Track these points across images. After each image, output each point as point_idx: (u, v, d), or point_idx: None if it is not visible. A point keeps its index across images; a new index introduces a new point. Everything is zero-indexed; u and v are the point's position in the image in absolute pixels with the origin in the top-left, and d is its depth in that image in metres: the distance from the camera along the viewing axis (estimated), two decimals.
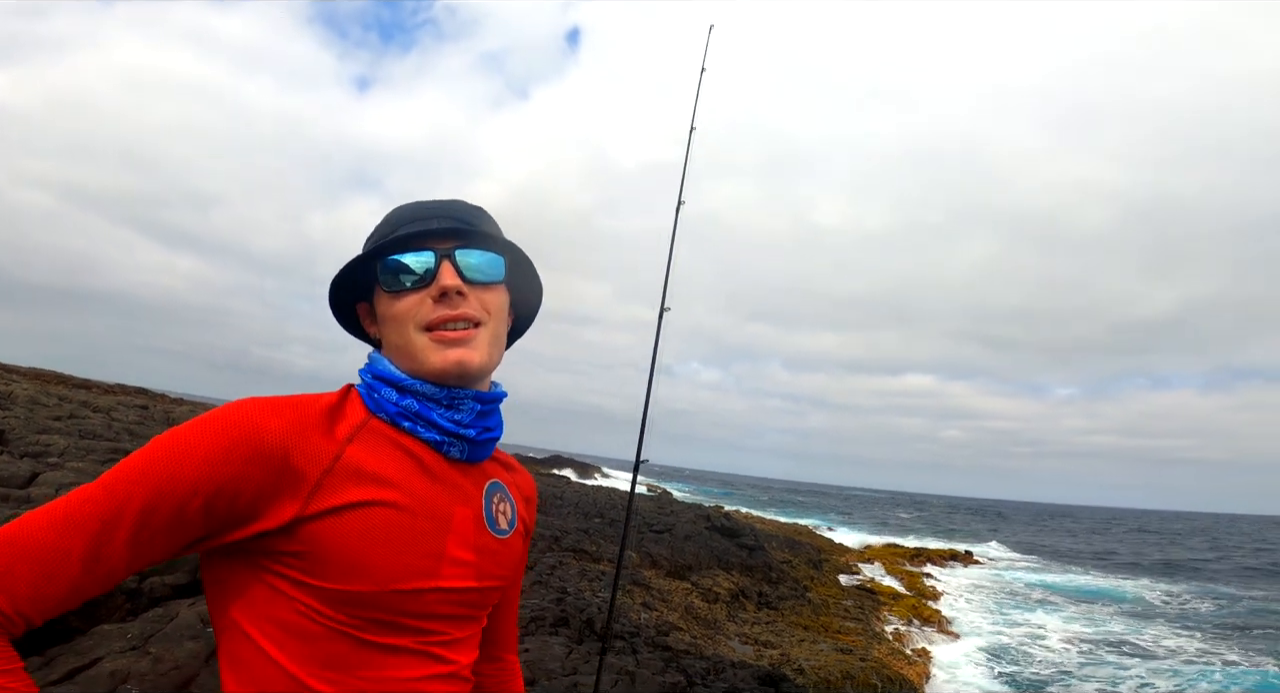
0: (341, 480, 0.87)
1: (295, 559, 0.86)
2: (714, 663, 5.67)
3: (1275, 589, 22.02)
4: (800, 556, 15.57)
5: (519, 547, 1.07)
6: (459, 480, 0.98)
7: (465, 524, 0.96)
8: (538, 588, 7.09)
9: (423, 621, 0.92)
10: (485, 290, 0.99)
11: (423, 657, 0.92)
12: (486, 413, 1.00)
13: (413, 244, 0.97)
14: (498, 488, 1.04)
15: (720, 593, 9.94)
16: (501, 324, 1.01)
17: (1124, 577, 23.96)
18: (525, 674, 4.57)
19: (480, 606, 0.99)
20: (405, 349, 0.96)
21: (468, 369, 0.95)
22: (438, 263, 0.96)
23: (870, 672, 7.69)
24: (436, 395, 0.96)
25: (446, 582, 0.93)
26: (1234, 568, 28.61)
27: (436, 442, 0.96)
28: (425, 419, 0.95)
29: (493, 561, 0.99)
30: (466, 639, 0.98)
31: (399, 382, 0.95)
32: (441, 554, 0.92)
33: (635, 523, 13.55)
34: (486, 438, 1.00)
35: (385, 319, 0.98)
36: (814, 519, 36.90)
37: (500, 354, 1.01)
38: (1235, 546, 44.78)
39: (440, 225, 0.98)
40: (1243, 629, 15.17)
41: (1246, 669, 11.63)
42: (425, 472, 0.94)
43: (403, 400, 0.95)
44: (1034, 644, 13.04)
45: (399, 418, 0.94)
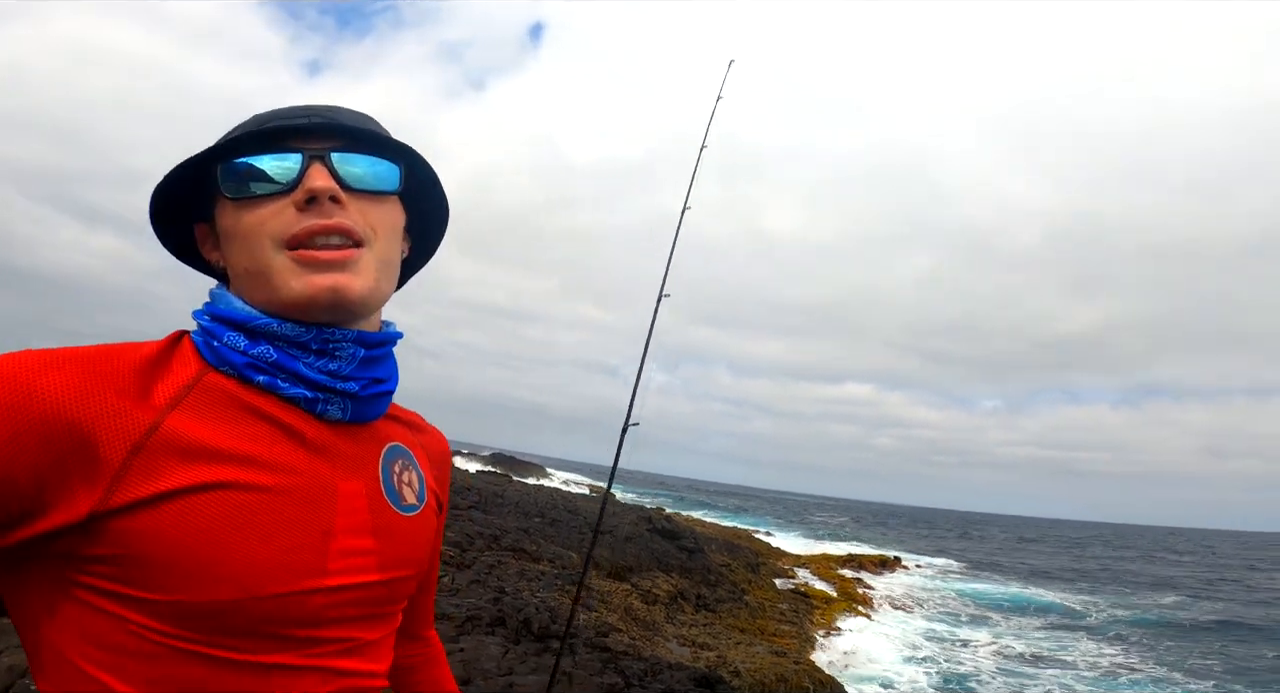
0: (160, 460, 0.63)
1: (105, 566, 0.62)
2: (651, 664, 5.68)
3: (1179, 597, 23.24)
4: (739, 559, 15.75)
5: (431, 524, 0.83)
6: (344, 448, 0.74)
7: (356, 502, 0.73)
8: (475, 587, 6.98)
9: (311, 629, 0.68)
10: (371, 202, 0.74)
11: (314, 673, 0.69)
12: (374, 360, 0.76)
13: (274, 145, 0.72)
14: (399, 453, 0.80)
15: (659, 595, 9.97)
16: (393, 246, 0.77)
17: (1045, 586, 24.96)
18: (459, 674, 4.50)
19: (391, 601, 0.76)
20: (258, 274, 0.70)
21: (345, 298, 0.70)
22: (305, 164, 0.71)
23: (803, 674, 7.82)
24: (302, 338, 0.71)
25: (337, 578, 0.69)
26: (1139, 579, 30.12)
27: (307, 399, 0.71)
28: (288, 371, 0.70)
29: (399, 545, 0.76)
30: (378, 642, 0.76)
31: (249, 322, 0.70)
32: (324, 545, 0.69)
33: (576, 524, 13.49)
34: (375, 392, 0.76)
35: (231, 236, 0.72)
36: (753, 523, 37.39)
37: (390, 285, 0.77)
38: (1142, 555, 47.23)
39: (312, 121, 0.73)
40: (1158, 640, 15.83)
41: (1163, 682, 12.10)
42: (293, 439, 0.70)
43: (254, 348, 0.70)
44: (959, 651, 13.50)
45: (249, 371, 0.70)
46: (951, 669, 11.93)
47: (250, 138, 0.71)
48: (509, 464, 45.46)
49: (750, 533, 27.03)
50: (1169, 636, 16.38)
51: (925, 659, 12.32)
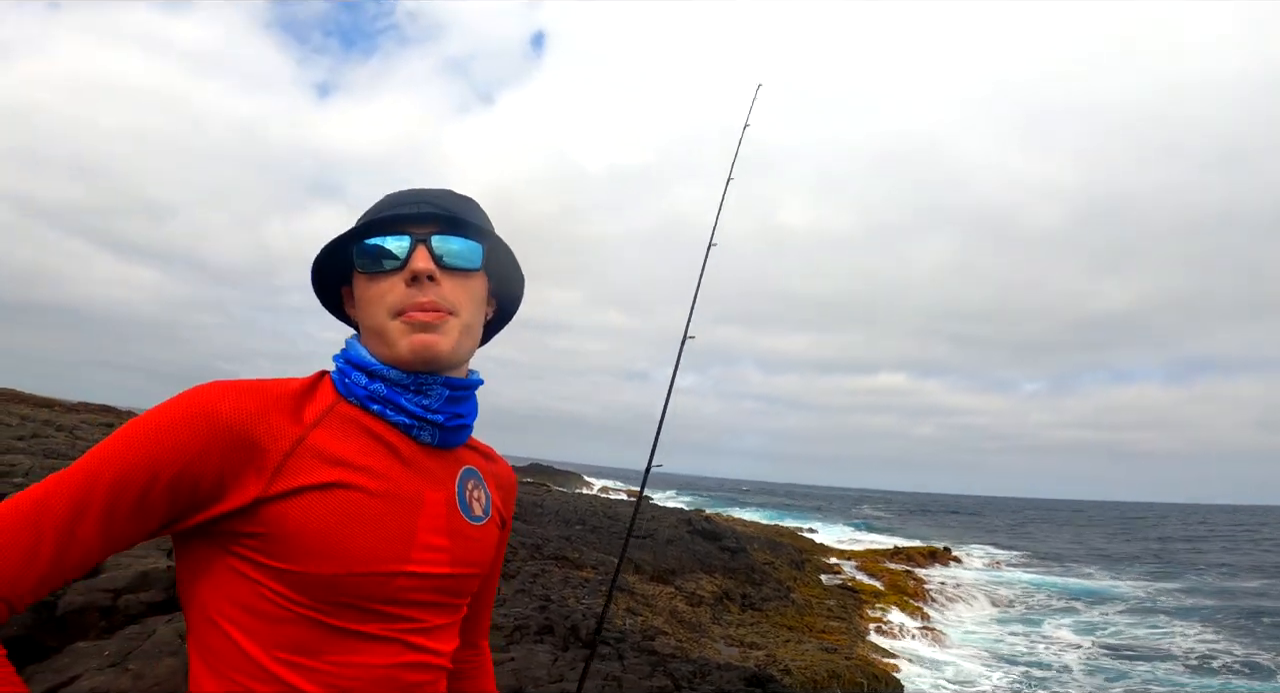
0: (304, 462, 0.87)
1: (257, 541, 0.85)
2: (700, 666, 5.66)
3: (1260, 581, 22.16)
4: (782, 557, 15.63)
5: (494, 535, 1.05)
6: (431, 465, 0.97)
7: (437, 508, 0.95)
8: (520, 596, 7.03)
9: (393, 606, 0.90)
10: (460, 278, 0.97)
11: (394, 644, 0.90)
12: (457, 399, 0.99)
13: (392, 228, 0.96)
14: (472, 474, 1.03)
15: (704, 596, 9.93)
16: (475, 314, 1.00)
17: (1110, 572, 24.22)
18: (511, 683, 4.53)
19: (457, 593, 0.97)
20: (377, 333, 0.95)
21: (434, 354, 0.93)
22: (413, 247, 0.95)
23: (856, 670, 7.73)
24: (403, 381, 0.94)
25: (417, 567, 0.91)
26: (1211, 561, 29.10)
27: (406, 425, 0.95)
28: (393, 403, 0.94)
29: (467, 546, 0.98)
30: (445, 627, 0.97)
31: (368, 366, 0.95)
32: (411, 538, 0.91)
33: (616, 529, 13.50)
34: (457, 424, 0.98)
35: (360, 302, 0.98)
36: (794, 520, 37.07)
37: (473, 344, 1.00)
38: (1202, 537, 45.72)
39: (421, 210, 0.97)
40: (1246, 625, 15.05)
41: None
42: (394, 455, 0.93)
43: (371, 385, 0.94)
44: (1035, 644, 13.14)
45: (368, 401, 0.94)
46: (1031, 664, 11.50)
47: (377, 223, 0.96)
48: (546, 474, 45.70)
49: (792, 530, 26.82)
50: (1257, 620, 15.52)
51: (998, 654, 12.00)
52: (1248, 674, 11.44)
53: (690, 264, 2.50)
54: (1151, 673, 11.20)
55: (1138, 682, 10.71)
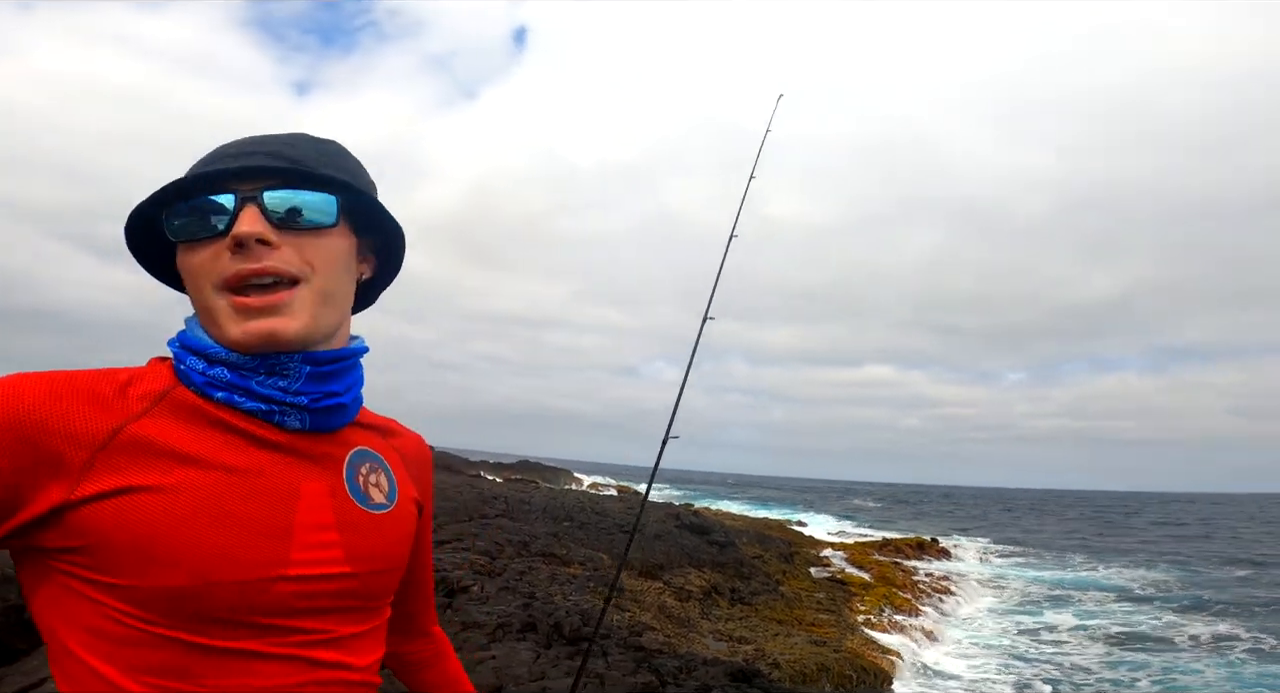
0: (122, 458, 0.71)
1: (77, 555, 0.70)
2: (686, 661, 5.58)
3: (1248, 571, 22.17)
4: (771, 550, 15.60)
5: (405, 522, 0.90)
6: (307, 452, 0.81)
7: (319, 501, 0.79)
8: (504, 594, 6.92)
9: (281, 618, 0.74)
10: (309, 238, 0.79)
11: (290, 661, 0.75)
12: (326, 375, 0.81)
13: (215, 186, 0.77)
14: (366, 457, 0.87)
15: (693, 591, 9.87)
16: (337, 277, 0.82)
17: (1101, 563, 24.30)
18: (491, 681, 4.43)
19: (367, 595, 0.82)
20: (206, 312, 0.78)
21: (280, 341, 0.77)
22: (238, 206, 0.76)
23: (845, 662, 7.68)
24: (249, 364, 0.78)
25: (302, 569, 0.76)
26: (1195, 549, 29.34)
27: (262, 411, 0.78)
28: (242, 389, 0.77)
29: (367, 540, 0.82)
30: (360, 636, 0.82)
31: (205, 350, 0.78)
32: (287, 537, 0.75)
33: (605, 525, 13.42)
34: (330, 404, 0.82)
35: (184, 275, 0.80)
36: (782, 513, 37.13)
37: (336, 313, 0.83)
38: (1184, 525, 46.25)
39: (250, 162, 0.78)
40: (1249, 613, 14.91)
41: None
42: (255, 445, 0.78)
43: (211, 370, 0.78)
44: (1014, 634, 13.17)
45: (208, 389, 0.77)
46: (1025, 655, 11.45)
47: (193, 182, 0.77)
48: (535, 471, 45.55)
49: (781, 523, 26.83)
50: (1252, 607, 15.49)
51: (991, 645, 12.00)
52: (1265, 658, 11.37)
53: (673, 257, 2.62)
54: (1171, 663, 11.05)
55: (1157, 671, 10.58)
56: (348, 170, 0.85)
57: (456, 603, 6.36)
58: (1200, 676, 10.36)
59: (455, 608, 6.20)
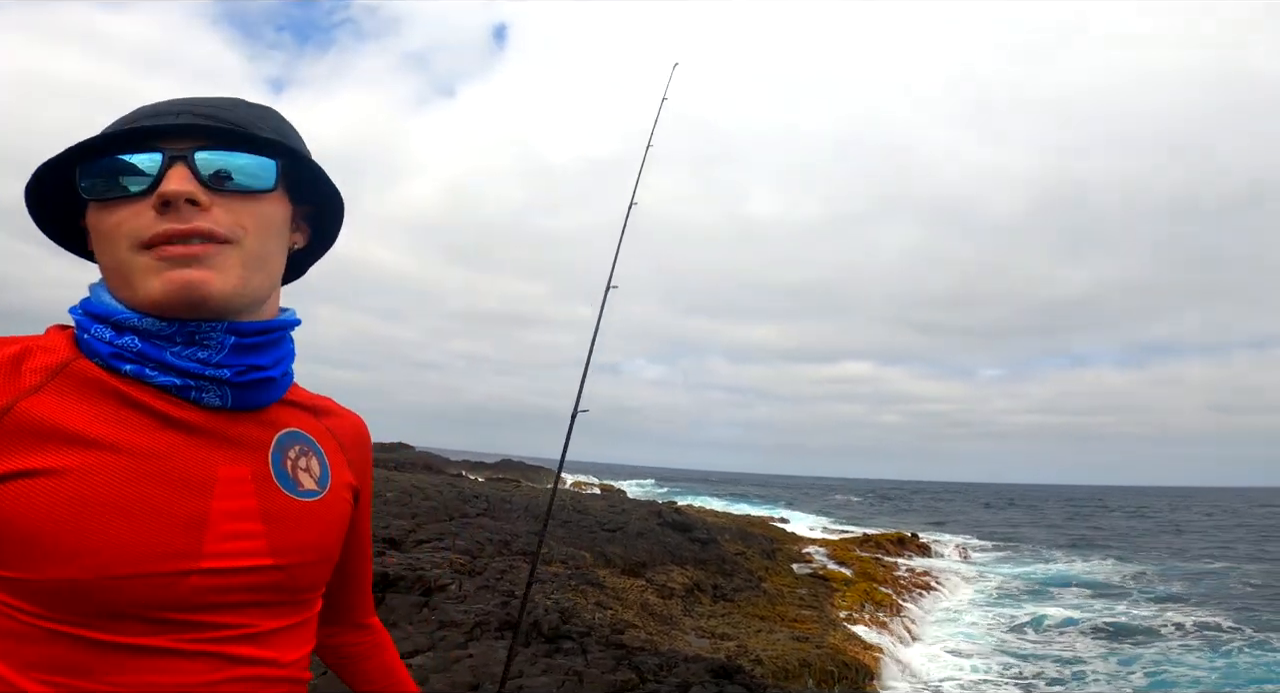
0: (11, 441, 0.64)
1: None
2: (667, 658, 5.52)
3: (1221, 563, 22.44)
4: (753, 546, 15.59)
5: (338, 509, 0.83)
6: (227, 433, 0.74)
7: (240, 487, 0.72)
8: (483, 593, 6.83)
9: (194, 613, 0.68)
10: (242, 201, 0.73)
11: (205, 658, 0.69)
12: (251, 347, 0.75)
13: (139, 143, 0.71)
14: (296, 439, 0.80)
15: (675, 588, 9.82)
16: (268, 242, 0.76)
17: (1074, 556, 24.54)
18: (468, 679, 4.34)
19: (294, 588, 0.76)
20: (119, 273, 0.71)
21: (203, 296, 0.70)
22: (166, 164, 0.70)
23: (827, 658, 7.67)
24: (165, 331, 0.71)
25: (217, 562, 0.69)
26: (1173, 543, 29.73)
27: (177, 386, 0.71)
28: (155, 361, 0.70)
29: (294, 529, 0.75)
30: (285, 631, 0.75)
31: (112, 316, 0.71)
32: (201, 528, 0.69)
33: (587, 523, 13.34)
34: (256, 378, 0.74)
35: (95, 236, 0.73)
36: (764, 509, 37.23)
37: (267, 279, 0.77)
38: (1162, 518, 46.96)
39: (181, 120, 0.72)
40: (1230, 604, 14.99)
41: None
42: (165, 425, 0.70)
43: (119, 339, 0.70)
44: (997, 628, 13.24)
45: (115, 361, 0.70)
46: (1005, 649, 11.50)
47: (111, 138, 0.71)
48: (517, 470, 45.31)
49: (763, 520, 26.88)
50: (1235, 599, 15.66)
51: (973, 640, 12.04)
52: (1256, 648, 11.42)
53: (653, 255, 2.60)
54: (1161, 655, 11.08)
55: (1148, 663, 10.58)
56: (285, 135, 0.80)
57: (433, 602, 6.26)
58: (1191, 668, 10.44)
59: (432, 607, 6.10)
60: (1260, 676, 10.09)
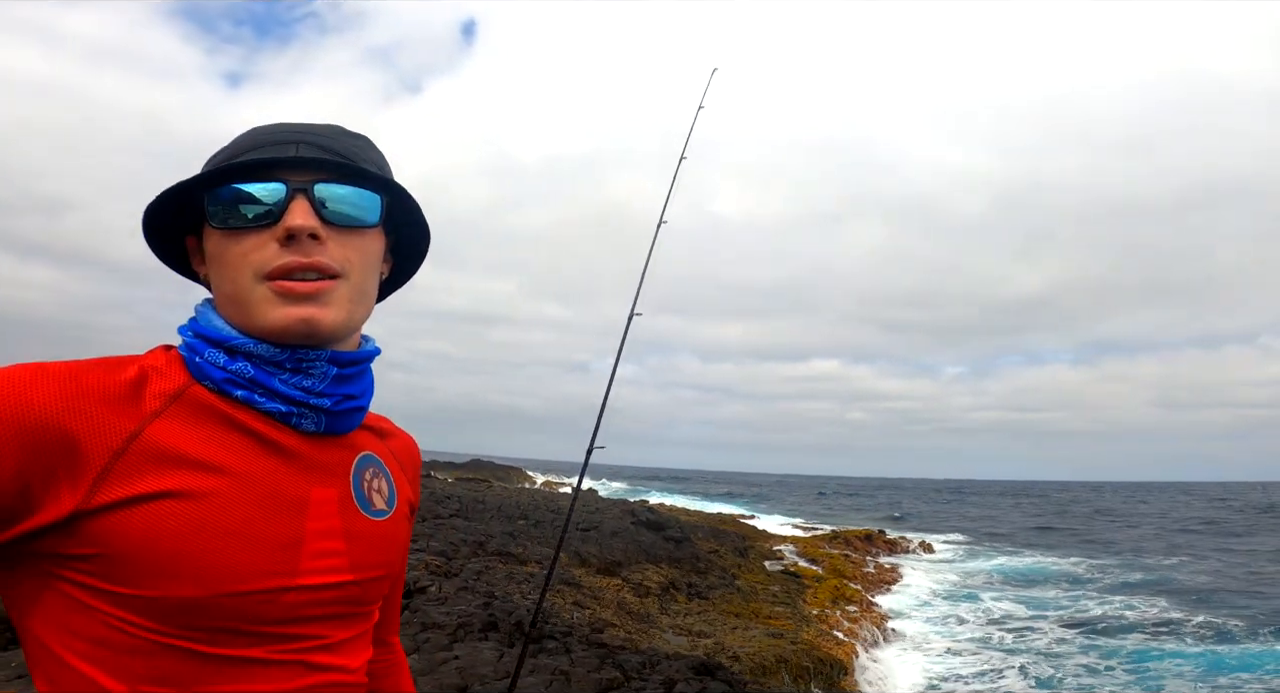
0: (140, 464, 0.68)
1: (86, 563, 0.67)
2: (649, 657, 5.60)
3: (1176, 558, 23.13)
4: (726, 544, 15.75)
5: (403, 528, 0.89)
6: (318, 457, 0.79)
7: (328, 509, 0.77)
8: (464, 594, 6.83)
9: (286, 626, 0.73)
10: (351, 236, 0.78)
11: (291, 667, 0.74)
12: (348, 377, 0.80)
13: (261, 173, 0.75)
14: (370, 462, 0.85)
15: (651, 587, 9.90)
16: (369, 276, 0.81)
17: (1036, 551, 25.10)
18: (456, 682, 4.37)
19: (363, 601, 0.81)
20: (238, 301, 0.75)
21: (317, 330, 0.75)
22: (289, 197, 0.74)
23: (802, 654, 7.81)
24: (278, 358, 0.75)
25: (310, 578, 0.74)
26: (1129, 536, 30.58)
27: (282, 413, 0.76)
28: (264, 387, 0.75)
29: (370, 547, 0.81)
30: (353, 640, 0.81)
31: (228, 341, 0.75)
32: (298, 547, 0.74)
33: (560, 523, 13.36)
34: (348, 408, 0.80)
35: (215, 261, 0.77)
36: (736, 507, 37.55)
37: (365, 311, 0.82)
38: (1115, 512, 48.30)
39: (301, 153, 0.76)
40: (1185, 601, 15.33)
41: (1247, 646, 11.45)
42: (269, 449, 0.75)
43: (233, 364, 0.74)
44: (964, 622, 13.53)
45: (228, 385, 0.74)
46: (976, 644, 11.74)
47: (240, 168, 0.75)
48: (488, 469, 45.06)
49: (735, 517, 27.11)
50: (1192, 592, 16.11)
51: (940, 633, 12.29)
52: (1217, 640, 11.75)
53: (631, 251, 2.47)
54: (1139, 646, 11.37)
55: (1126, 658, 10.82)
56: (384, 168, 0.84)
57: (415, 604, 6.25)
58: (1168, 659, 10.74)
59: (414, 609, 6.10)
60: (1234, 665, 10.47)
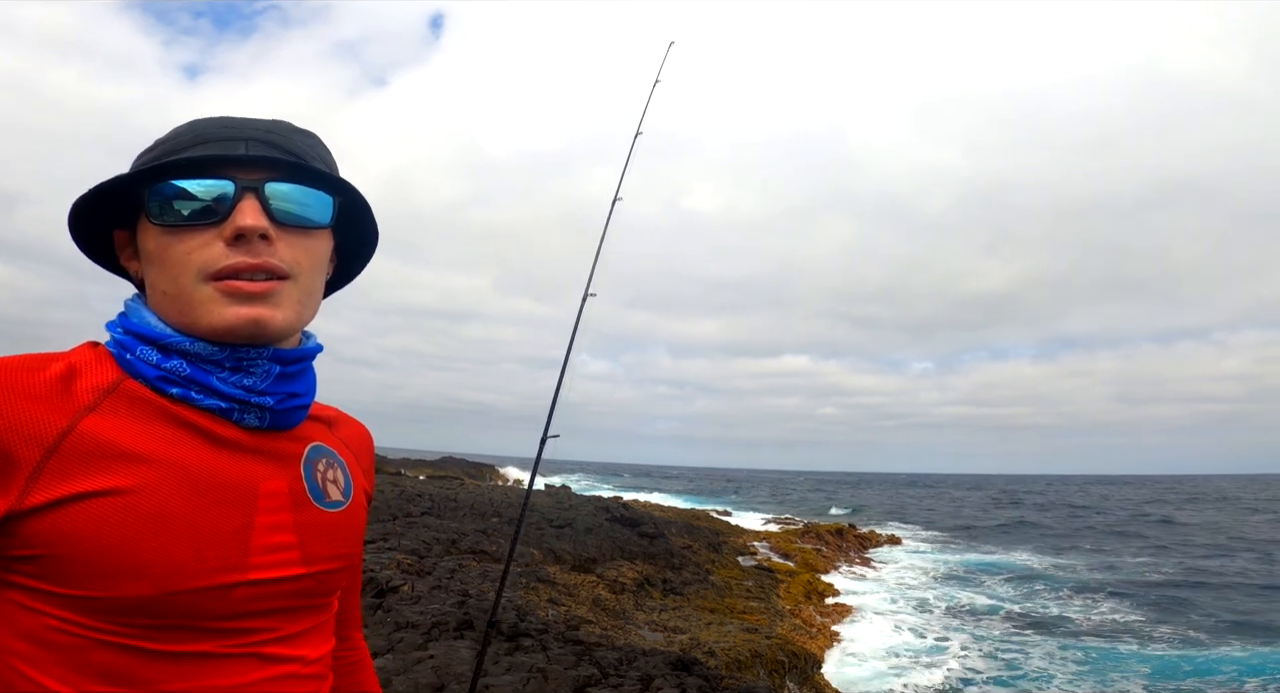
0: (75, 461, 0.65)
1: (25, 565, 0.65)
2: (626, 653, 5.58)
3: (1143, 557, 23.45)
4: (700, 540, 15.80)
5: (359, 517, 0.87)
6: (265, 450, 0.77)
7: (278, 501, 0.76)
8: (438, 593, 6.76)
9: (237, 620, 0.71)
10: (300, 236, 0.76)
11: (245, 660, 0.72)
12: (290, 375, 0.78)
13: (208, 169, 0.72)
14: (322, 453, 0.83)
15: (626, 583, 9.89)
16: (317, 278, 0.79)
17: (1005, 547, 25.52)
18: (432, 681, 4.31)
19: (318, 593, 0.80)
20: (179, 300, 0.72)
21: (266, 331, 0.73)
22: (237, 196, 0.72)
23: (776, 648, 7.85)
24: (216, 357, 0.73)
25: (260, 573, 0.72)
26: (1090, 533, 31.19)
27: (222, 409, 0.74)
28: (200, 384, 0.72)
29: (324, 540, 0.79)
30: (311, 631, 0.79)
31: (162, 339, 0.72)
32: (245, 541, 0.72)
33: (534, 520, 13.29)
34: (291, 405, 0.78)
35: (153, 259, 0.74)
36: (709, 503, 37.71)
37: (312, 312, 0.80)
38: (1076, 507, 49.37)
39: (250, 151, 0.73)
40: (1148, 598, 15.51)
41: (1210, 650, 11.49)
42: (212, 443, 0.73)
43: (167, 362, 0.72)
44: (934, 615, 13.73)
45: (162, 384, 0.72)
46: (947, 639, 11.91)
47: (186, 164, 0.72)
48: (459, 467, 44.71)
49: (708, 513, 27.24)
50: (1151, 589, 16.38)
51: (910, 627, 12.44)
52: (1174, 641, 11.92)
53: (591, 247, 2.36)
54: (1096, 648, 11.49)
55: (1083, 652, 10.97)
56: (332, 167, 0.82)
57: (387, 603, 6.17)
58: (1123, 658, 10.94)
59: (386, 608, 6.01)
60: (1189, 670, 10.70)
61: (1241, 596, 16.08)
